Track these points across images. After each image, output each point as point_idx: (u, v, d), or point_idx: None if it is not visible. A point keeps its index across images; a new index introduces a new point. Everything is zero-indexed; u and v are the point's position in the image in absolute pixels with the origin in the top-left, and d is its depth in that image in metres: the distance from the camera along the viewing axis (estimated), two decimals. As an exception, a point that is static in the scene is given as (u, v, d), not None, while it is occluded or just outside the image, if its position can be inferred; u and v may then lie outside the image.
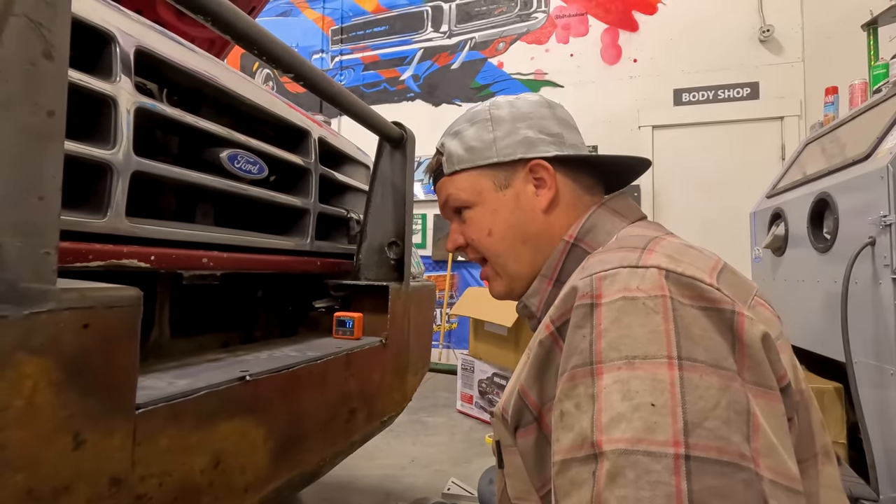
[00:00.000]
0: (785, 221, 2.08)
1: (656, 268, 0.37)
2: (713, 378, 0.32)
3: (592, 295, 0.37)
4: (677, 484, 0.29)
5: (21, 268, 0.37)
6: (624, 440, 0.31)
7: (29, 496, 0.36)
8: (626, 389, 0.32)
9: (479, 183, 0.60)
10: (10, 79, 0.36)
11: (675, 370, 0.32)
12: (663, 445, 0.30)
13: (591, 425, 0.33)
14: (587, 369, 0.35)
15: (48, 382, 0.37)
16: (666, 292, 0.35)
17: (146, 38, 0.66)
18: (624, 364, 0.33)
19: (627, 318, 0.35)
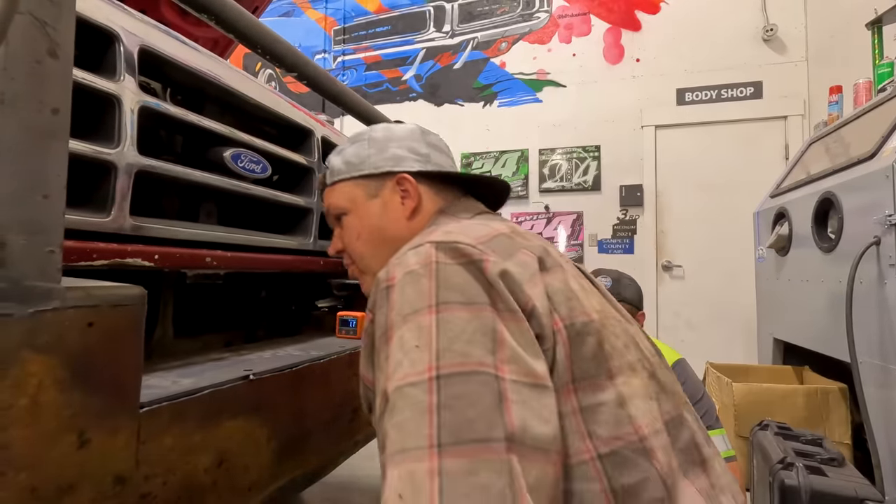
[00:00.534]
0: (789, 221, 2.07)
1: (430, 242, 0.46)
2: (463, 312, 0.41)
3: (388, 279, 0.45)
4: (429, 399, 0.36)
5: (26, 266, 0.37)
6: (399, 379, 0.39)
7: (33, 495, 0.36)
8: (402, 342, 0.41)
9: (354, 192, 0.68)
10: (16, 76, 0.36)
11: (433, 314, 0.41)
12: (421, 374, 0.38)
13: (384, 380, 0.41)
14: (384, 338, 0.43)
15: (53, 381, 0.37)
16: (433, 259, 0.44)
17: (150, 38, 0.66)
18: (402, 322, 0.42)
19: (407, 289, 0.43)
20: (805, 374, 2.16)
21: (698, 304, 3.62)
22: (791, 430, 1.58)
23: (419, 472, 0.34)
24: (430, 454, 0.34)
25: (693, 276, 3.66)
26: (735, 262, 3.48)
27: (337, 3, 4.81)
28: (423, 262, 0.45)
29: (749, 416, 1.89)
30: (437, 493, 0.33)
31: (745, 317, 3.38)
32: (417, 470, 0.34)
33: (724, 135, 3.65)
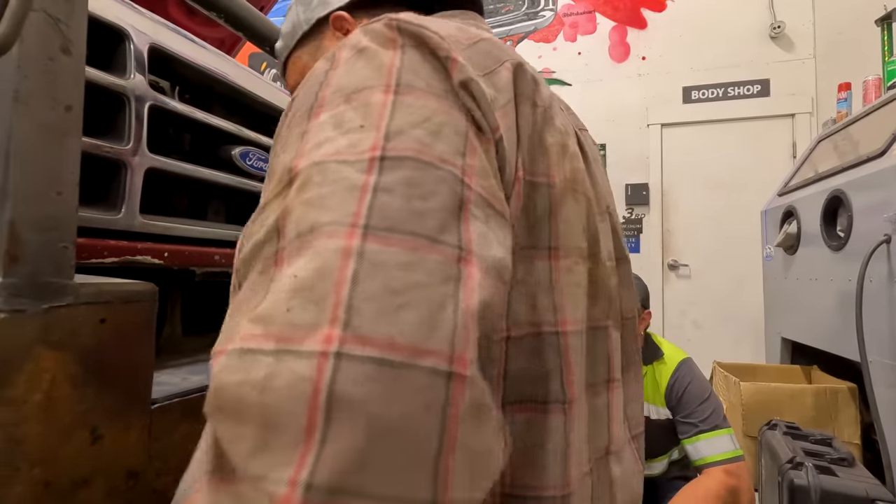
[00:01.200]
0: (797, 219, 2.06)
1: (386, 18, 0.35)
2: (431, 101, 0.31)
3: (332, 60, 0.34)
4: (365, 178, 0.26)
5: (40, 262, 0.37)
6: (322, 155, 0.28)
7: (47, 490, 0.37)
8: (340, 120, 0.30)
9: (300, 61, 0.61)
10: (30, 74, 0.36)
11: (389, 94, 0.30)
12: (361, 153, 0.27)
13: (292, 157, 0.29)
14: (304, 116, 0.32)
15: (66, 376, 0.37)
16: (395, 37, 0.34)
17: (159, 36, 0.66)
18: (342, 100, 0.31)
19: (357, 65, 0.33)
20: (814, 374, 2.15)
21: (705, 304, 3.61)
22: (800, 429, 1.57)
23: (329, 250, 0.23)
24: (350, 232, 0.24)
25: (700, 275, 3.65)
26: (742, 260, 3.47)
27: (342, 3, 4.81)
28: (381, 39, 0.34)
29: (757, 416, 1.88)
30: (349, 279, 0.22)
31: (752, 316, 3.36)
32: (327, 247, 0.24)
33: (730, 133, 3.62)
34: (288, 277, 0.23)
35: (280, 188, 0.29)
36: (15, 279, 0.35)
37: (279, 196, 0.29)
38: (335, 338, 0.21)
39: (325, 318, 0.21)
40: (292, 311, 0.22)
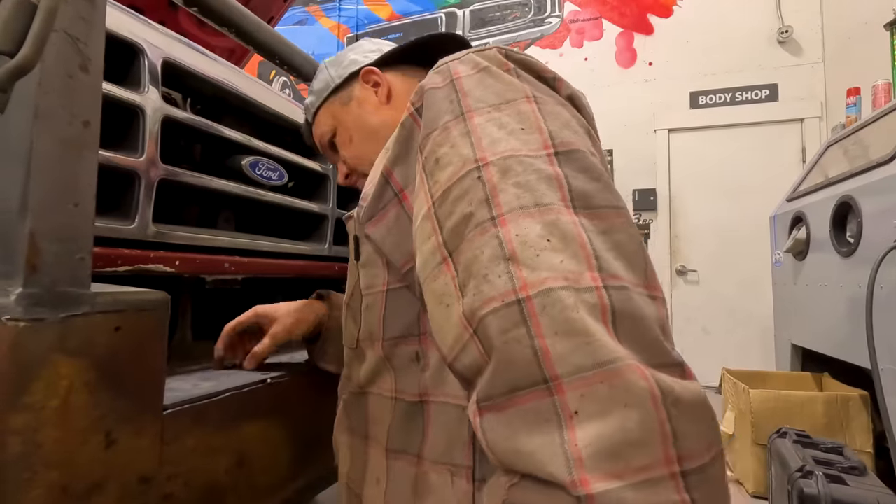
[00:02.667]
0: (806, 225, 2.05)
1: (496, 48, 0.43)
2: (560, 108, 0.40)
3: (451, 75, 0.42)
4: (553, 169, 0.35)
5: (58, 272, 0.38)
6: (506, 150, 0.36)
7: (64, 493, 0.38)
8: (500, 123, 0.38)
9: (332, 110, 0.71)
10: (50, 91, 0.37)
11: (533, 104, 0.39)
12: (537, 150, 0.36)
13: (471, 150, 0.37)
14: (459, 118, 0.39)
15: (83, 383, 0.39)
16: (511, 65, 0.42)
17: (172, 50, 0.68)
18: (493, 108, 0.39)
19: (487, 81, 0.40)
20: (824, 381, 2.12)
21: (713, 310, 3.58)
22: (810, 437, 1.56)
23: (564, 221, 0.33)
24: (567, 209, 0.34)
25: (708, 281, 3.62)
26: (751, 266, 3.44)
27: (350, 11, 4.87)
28: (496, 62, 0.42)
29: (767, 424, 1.86)
30: (587, 240, 0.32)
31: (761, 322, 3.33)
32: (562, 220, 0.33)
33: (738, 138, 3.61)
34: (539, 238, 0.32)
35: (464, 172, 0.37)
36: (34, 289, 0.36)
37: (465, 178, 0.36)
38: (598, 278, 0.31)
39: (585, 266, 0.31)
40: (564, 263, 0.31)
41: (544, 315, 0.30)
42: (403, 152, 0.46)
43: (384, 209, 0.48)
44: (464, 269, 0.34)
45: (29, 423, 0.36)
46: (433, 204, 0.38)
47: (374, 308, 0.50)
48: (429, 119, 0.41)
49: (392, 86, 0.68)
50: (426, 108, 0.42)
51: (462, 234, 0.35)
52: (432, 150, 0.40)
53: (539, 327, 0.30)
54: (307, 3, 5.00)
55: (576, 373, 0.29)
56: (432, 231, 0.38)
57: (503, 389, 0.31)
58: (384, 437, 0.49)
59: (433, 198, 0.38)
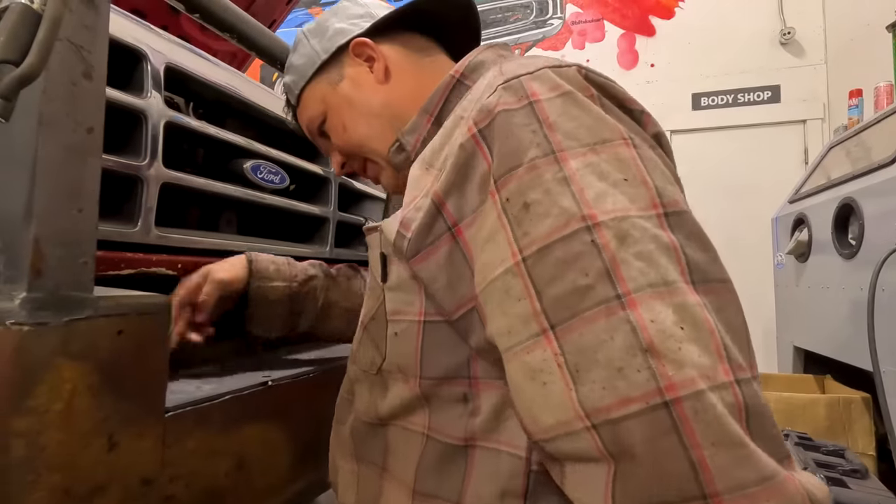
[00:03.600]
0: (808, 227, 2.04)
1: (576, 66, 0.39)
2: (652, 153, 0.37)
3: (527, 96, 0.37)
4: (667, 236, 0.33)
5: (61, 276, 0.39)
6: (618, 210, 0.33)
7: (66, 495, 0.38)
8: (600, 171, 0.34)
9: (319, 91, 0.61)
10: (54, 98, 0.38)
11: (631, 148, 0.36)
12: (647, 210, 0.34)
13: (574, 203, 0.34)
14: (550, 158, 0.35)
15: (86, 387, 0.39)
16: (593, 91, 0.38)
17: (174, 55, 0.68)
18: (588, 150, 0.35)
19: (573, 111, 0.36)
20: (826, 383, 2.12)
21: (716, 311, 3.57)
22: (812, 440, 1.55)
23: (691, 304, 0.31)
24: (689, 288, 0.32)
25: (710, 283, 3.61)
26: (752, 268, 3.43)
27: (352, 13, 4.87)
28: (581, 88, 0.37)
29: (768, 426, 1.85)
30: (713, 323, 0.31)
31: (763, 324, 3.32)
32: (688, 302, 0.31)
33: (740, 139, 3.60)
34: (675, 326, 0.31)
35: (571, 231, 0.33)
36: (38, 293, 0.37)
37: (570, 240, 0.33)
38: (729, 371, 0.31)
39: (717, 358, 0.31)
40: (702, 358, 0.30)
41: (698, 422, 0.28)
42: (461, 181, 0.39)
43: (434, 244, 0.41)
44: (578, 352, 0.31)
45: (32, 427, 0.36)
46: (523, 260, 0.34)
47: (407, 340, 0.44)
48: (508, 151, 0.36)
49: (389, 60, 0.58)
50: (501, 135, 0.37)
51: (574, 309, 0.32)
52: (519, 192, 0.35)
53: (694, 436, 0.28)
54: (309, 5, 5.01)
55: (739, 489, 0.28)
56: (524, 293, 0.33)
57: (647, 501, 0.29)
58: (410, 476, 0.44)
59: (523, 252, 0.34)
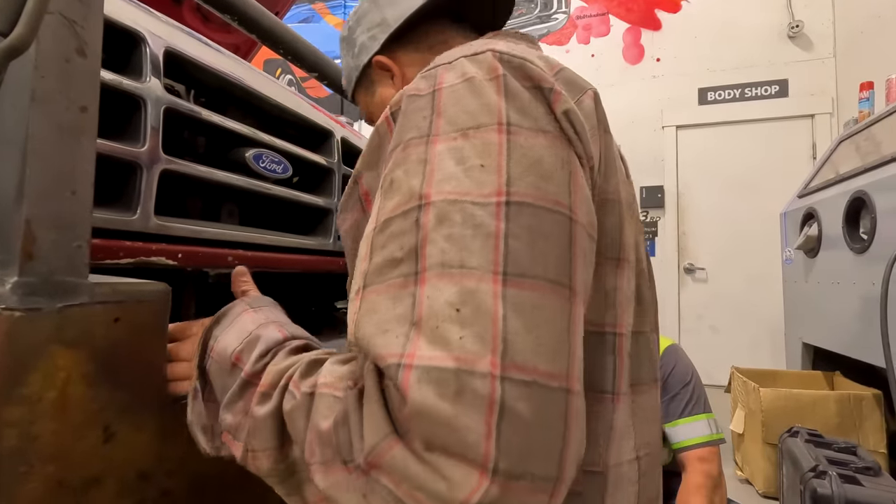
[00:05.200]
0: (818, 221, 2.01)
1: (490, 51, 0.39)
2: (539, 139, 0.36)
3: (435, 84, 0.39)
4: (497, 224, 0.32)
5: (54, 261, 0.37)
6: (454, 192, 0.33)
7: (60, 486, 0.37)
8: (460, 156, 0.35)
9: (361, 98, 0.68)
10: (46, 74, 0.36)
11: (503, 135, 0.35)
12: (488, 196, 0.33)
13: (420, 183, 0.35)
14: (422, 140, 0.36)
15: (81, 375, 0.38)
16: (500, 72, 0.38)
17: (175, 40, 0.67)
18: (459, 135, 0.35)
19: (465, 98, 0.37)
20: (836, 380, 2.09)
21: (722, 308, 3.54)
22: (823, 437, 1.53)
23: (483, 292, 0.30)
24: (494, 278, 0.30)
25: (716, 279, 3.59)
26: (761, 263, 3.40)
27: (355, 9, 4.85)
28: (487, 72, 0.38)
29: (777, 423, 1.83)
30: (502, 319, 0.29)
31: (771, 320, 3.29)
32: (481, 289, 0.30)
33: (748, 134, 3.57)
34: (448, 306, 0.30)
35: (407, 208, 0.34)
36: (30, 278, 0.35)
37: (404, 216, 0.34)
38: (497, 364, 0.28)
39: (489, 349, 0.29)
40: (464, 340, 0.29)
41: (416, 390, 0.28)
42: (374, 160, 0.44)
43: (349, 211, 0.48)
44: (370, 311, 0.33)
45: (25, 416, 0.35)
46: (374, 229, 0.36)
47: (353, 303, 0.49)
48: (398, 132, 0.39)
49: (405, 67, 0.62)
50: (401, 116, 0.39)
51: (383, 277, 0.34)
52: (391, 170, 0.38)
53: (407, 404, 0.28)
54: (313, 0, 5.00)
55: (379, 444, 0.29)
56: (365, 257, 0.36)
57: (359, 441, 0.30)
58: None
59: (377, 222, 0.36)
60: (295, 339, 0.45)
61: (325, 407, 0.33)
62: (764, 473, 1.95)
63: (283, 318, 0.50)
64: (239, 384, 0.41)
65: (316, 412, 0.34)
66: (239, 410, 0.40)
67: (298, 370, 0.37)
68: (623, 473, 0.42)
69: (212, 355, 0.45)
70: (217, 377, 0.44)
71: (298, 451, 0.36)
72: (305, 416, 0.34)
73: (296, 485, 0.37)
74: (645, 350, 0.48)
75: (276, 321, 0.47)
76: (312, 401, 0.34)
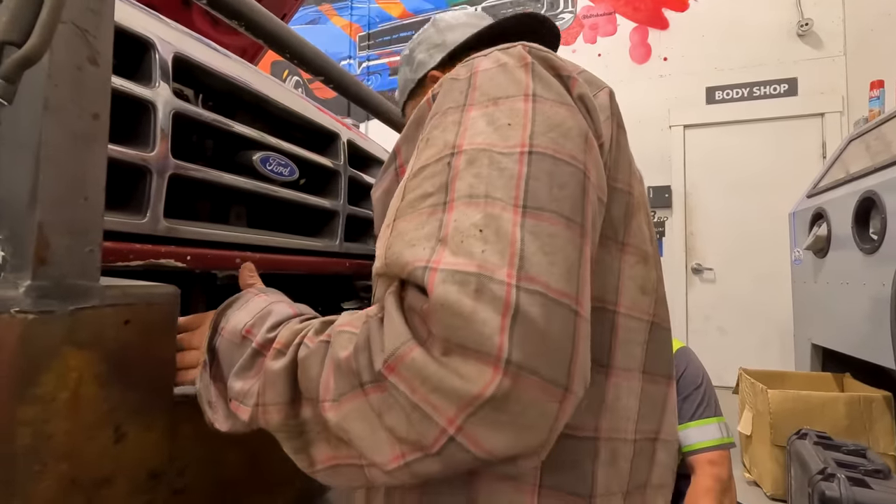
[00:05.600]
0: (827, 221, 2.00)
1: (521, 45, 0.45)
2: (561, 109, 0.40)
3: (472, 69, 0.44)
4: (518, 168, 0.36)
5: (67, 265, 0.38)
6: (484, 143, 0.37)
7: (73, 485, 0.38)
8: (491, 118, 0.39)
9: (413, 107, 0.74)
10: (59, 83, 0.37)
11: (529, 102, 0.39)
12: (512, 147, 0.37)
13: (454, 137, 0.39)
14: (458, 108, 0.41)
15: (92, 375, 0.39)
16: (528, 60, 0.43)
17: (183, 45, 0.68)
18: (490, 103, 0.40)
19: (498, 77, 0.42)
20: (846, 382, 2.07)
21: (730, 308, 3.52)
22: (832, 439, 1.52)
23: (504, 219, 0.33)
24: (514, 209, 0.34)
25: (724, 279, 3.56)
26: (769, 264, 3.37)
27: (362, 10, 4.87)
28: (516, 58, 0.43)
29: (786, 425, 1.82)
30: (520, 240, 0.32)
31: (780, 321, 3.26)
32: (503, 216, 0.33)
33: (757, 133, 3.54)
34: (472, 227, 0.33)
35: (441, 156, 0.38)
36: (43, 281, 0.36)
37: (439, 161, 0.38)
38: (513, 275, 0.31)
39: (506, 262, 0.31)
40: (486, 253, 0.32)
41: (440, 286, 0.31)
42: (412, 133, 0.48)
43: (383, 178, 0.51)
44: (399, 233, 0.36)
45: (39, 415, 0.36)
46: (408, 176, 0.40)
47: None
48: (436, 105, 0.44)
49: None
50: (441, 95, 0.44)
51: (415, 207, 0.37)
52: (427, 133, 0.42)
53: (431, 299, 0.31)
54: (319, 2, 5.02)
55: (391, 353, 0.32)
56: (399, 196, 0.40)
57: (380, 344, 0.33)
58: None
59: (412, 171, 0.40)
60: (304, 315, 0.48)
61: (343, 340, 0.36)
62: (772, 475, 1.94)
63: (291, 302, 0.52)
64: (249, 353, 0.43)
65: (333, 348, 0.36)
66: (249, 377, 0.42)
67: (313, 328, 0.40)
68: (617, 449, 0.44)
69: (222, 333, 0.48)
70: (226, 353, 0.46)
71: (309, 410, 0.38)
72: (321, 359, 0.37)
73: (304, 444, 0.39)
74: (662, 344, 0.50)
75: (286, 301, 0.51)
76: (328, 344, 0.37)
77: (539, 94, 0.40)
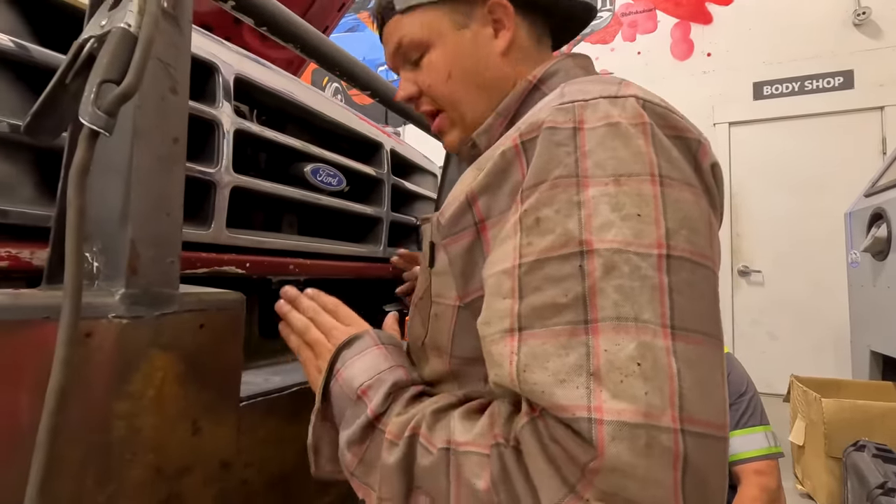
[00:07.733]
0: (888, 222, 1.89)
1: (634, 97, 0.39)
2: (687, 193, 0.37)
3: (575, 120, 0.38)
4: (660, 277, 0.34)
5: (152, 275, 0.42)
6: (616, 241, 0.34)
7: (158, 474, 0.42)
8: (615, 202, 0.35)
9: (437, 22, 0.54)
10: (147, 113, 0.41)
11: (657, 186, 0.36)
12: (649, 248, 0.34)
13: (578, 227, 0.35)
14: (572, 180, 0.37)
15: (174, 375, 0.43)
16: (646, 119, 0.38)
17: (242, 66, 0.73)
18: (611, 180, 0.36)
19: (612, 142, 0.37)
20: (909, 392, 1.95)
21: (781, 313, 3.37)
22: (892, 452, 1.44)
23: (658, 347, 0.32)
24: (664, 332, 0.32)
25: (774, 282, 3.41)
26: (821, 266, 3.21)
27: (398, 16, 4.94)
28: (633, 119, 0.38)
29: (841, 436, 1.74)
30: (676, 372, 0.31)
31: (834, 327, 3.10)
32: (656, 345, 0.32)
33: (809, 130, 3.38)
34: (630, 360, 0.32)
35: (567, 253, 0.35)
36: (134, 290, 0.41)
37: (564, 260, 0.35)
38: (677, 418, 0.31)
39: (668, 402, 0.31)
40: (649, 395, 0.31)
41: (612, 445, 0.30)
42: (495, 184, 0.43)
43: (459, 234, 0.46)
44: (532, 356, 0.34)
45: (130, 410, 0.40)
46: (519, 265, 0.37)
47: (444, 321, 0.48)
48: (539, 166, 0.38)
49: (515, 36, 0.55)
50: (539, 150, 0.39)
51: (544, 321, 0.34)
52: (535, 206, 0.37)
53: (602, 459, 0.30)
54: (358, 10, 5.13)
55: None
56: (511, 293, 0.37)
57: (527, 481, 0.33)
58: None
59: (521, 258, 0.37)
60: (415, 385, 0.48)
61: (474, 465, 0.35)
62: (827, 488, 1.85)
63: (406, 361, 0.53)
64: (363, 423, 0.45)
65: (465, 470, 0.36)
66: (359, 450, 0.45)
67: (425, 422, 0.41)
68: None
69: (338, 379, 0.49)
70: (339, 400, 0.49)
71: (425, 501, 0.39)
72: (446, 473, 0.37)
73: None
74: None
75: (402, 365, 0.50)
76: (454, 459, 0.37)
77: (665, 173, 0.36)
